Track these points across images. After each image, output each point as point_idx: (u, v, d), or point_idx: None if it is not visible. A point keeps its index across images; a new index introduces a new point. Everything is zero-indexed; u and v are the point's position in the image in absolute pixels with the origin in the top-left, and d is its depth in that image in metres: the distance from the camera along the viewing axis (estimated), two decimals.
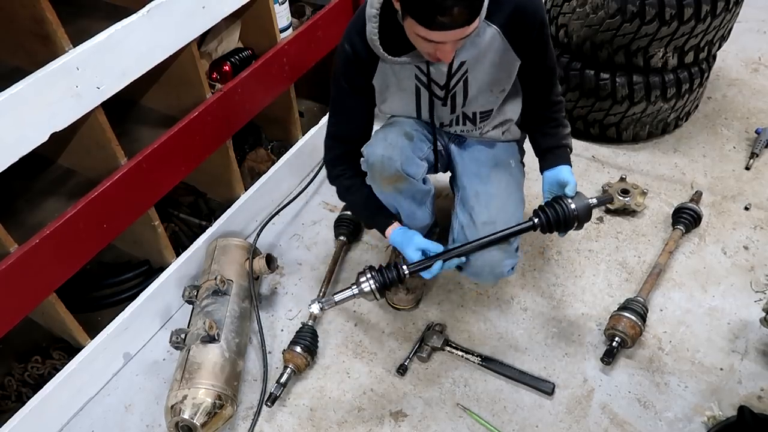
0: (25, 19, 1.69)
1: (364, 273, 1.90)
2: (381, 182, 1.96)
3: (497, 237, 1.88)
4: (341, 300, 1.89)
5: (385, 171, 1.92)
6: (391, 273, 1.88)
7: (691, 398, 1.99)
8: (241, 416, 2.06)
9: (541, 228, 1.87)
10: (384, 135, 1.95)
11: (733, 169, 2.73)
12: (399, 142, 1.93)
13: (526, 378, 2.06)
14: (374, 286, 1.87)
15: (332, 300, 1.88)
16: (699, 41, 2.52)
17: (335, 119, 2.03)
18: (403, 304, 2.30)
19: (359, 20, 1.77)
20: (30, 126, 1.66)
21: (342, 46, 1.84)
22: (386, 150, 1.91)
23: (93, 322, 2.22)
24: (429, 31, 1.53)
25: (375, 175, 1.94)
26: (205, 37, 2.42)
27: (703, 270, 2.35)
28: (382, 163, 1.90)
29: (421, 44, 1.63)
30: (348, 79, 1.88)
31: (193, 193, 2.69)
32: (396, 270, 1.88)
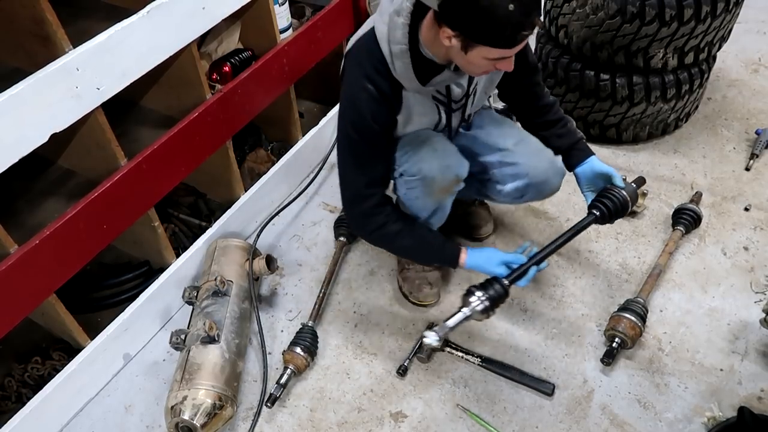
0: (25, 19, 1.69)
1: (472, 293, 1.84)
2: (437, 194, 1.97)
3: (567, 236, 1.97)
4: (455, 325, 1.82)
5: (444, 180, 1.93)
6: (495, 288, 1.83)
7: (691, 399, 1.99)
8: (241, 417, 2.05)
9: (602, 220, 1.99)
10: (430, 147, 1.93)
11: (733, 169, 2.73)
12: (447, 147, 1.96)
13: (526, 379, 2.06)
14: (487, 304, 1.82)
15: (446, 327, 1.82)
16: (699, 42, 2.52)
17: (369, 165, 1.90)
18: (429, 300, 2.30)
19: (373, 58, 1.75)
20: (30, 127, 1.66)
21: (363, 90, 1.78)
22: (442, 160, 1.92)
23: (93, 322, 2.22)
24: (509, 50, 1.58)
25: (433, 188, 1.94)
26: (205, 38, 2.42)
27: (703, 271, 2.35)
28: (442, 174, 1.92)
29: (484, 65, 1.66)
30: (377, 119, 1.82)
31: (193, 194, 2.69)
32: (498, 284, 1.84)
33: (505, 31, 1.51)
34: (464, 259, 1.98)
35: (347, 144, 1.89)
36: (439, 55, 1.73)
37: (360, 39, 1.81)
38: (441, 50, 1.69)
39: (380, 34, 1.72)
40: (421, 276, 2.30)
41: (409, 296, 2.33)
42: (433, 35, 1.67)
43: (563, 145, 2.11)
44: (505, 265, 1.92)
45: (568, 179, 2.71)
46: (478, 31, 1.53)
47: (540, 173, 2.08)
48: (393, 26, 1.68)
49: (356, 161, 1.90)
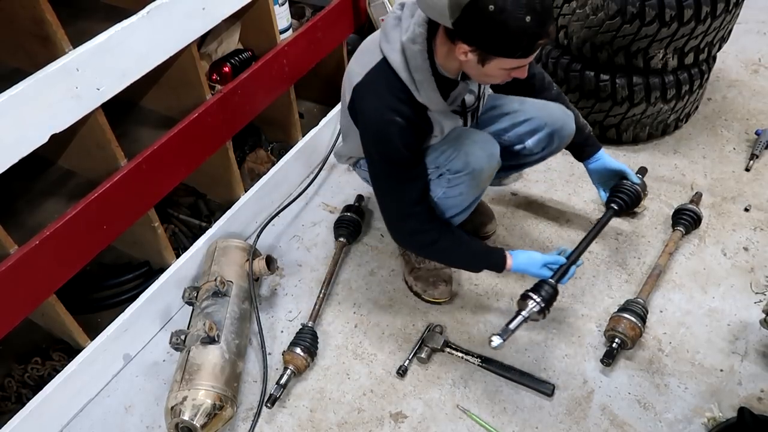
0: (25, 20, 1.69)
1: (529, 297, 1.95)
2: (483, 184, 2.03)
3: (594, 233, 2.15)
4: (516, 327, 1.92)
5: (490, 169, 1.99)
6: (546, 290, 1.96)
7: (691, 399, 1.99)
8: (241, 417, 2.05)
9: (620, 213, 2.26)
10: (470, 140, 1.96)
11: (733, 170, 2.73)
12: (485, 137, 2.00)
13: (526, 379, 2.06)
14: (542, 305, 1.93)
15: (509, 329, 1.91)
16: (699, 42, 2.52)
17: (409, 184, 1.92)
18: (444, 296, 2.31)
19: (393, 88, 1.78)
20: (30, 127, 1.66)
21: (391, 123, 1.78)
22: (485, 150, 1.96)
23: (93, 323, 2.22)
24: (526, 59, 1.63)
25: (481, 179, 1.99)
26: (205, 39, 2.42)
27: (703, 271, 2.35)
28: (489, 163, 1.97)
29: (501, 75, 1.71)
30: (410, 147, 1.85)
31: (193, 195, 2.69)
32: (548, 285, 1.97)
33: (522, 42, 1.55)
34: (510, 264, 2.05)
35: (383, 173, 1.91)
36: (451, 69, 1.78)
37: (371, 72, 1.81)
38: (454, 65, 1.74)
39: (396, 64, 1.75)
40: (435, 274, 2.31)
41: (422, 294, 2.33)
42: (445, 51, 1.71)
43: (576, 140, 2.23)
44: (546, 267, 2.03)
45: (568, 179, 2.72)
46: (495, 44, 1.57)
47: (556, 119, 2.14)
48: (411, 55, 1.72)
49: (396, 185, 1.92)
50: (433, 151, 1.97)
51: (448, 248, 2.01)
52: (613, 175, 2.29)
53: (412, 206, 1.93)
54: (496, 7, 1.47)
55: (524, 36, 1.53)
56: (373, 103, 1.80)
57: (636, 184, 2.27)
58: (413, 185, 1.92)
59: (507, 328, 1.91)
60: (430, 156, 1.97)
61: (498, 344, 1.89)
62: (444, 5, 1.53)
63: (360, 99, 1.84)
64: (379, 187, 1.97)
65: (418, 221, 1.95)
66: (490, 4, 1.47)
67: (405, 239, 2.06)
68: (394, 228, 2.03)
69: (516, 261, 2.04)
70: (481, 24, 1.52)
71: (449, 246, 2.00)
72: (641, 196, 2.28)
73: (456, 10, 1.52)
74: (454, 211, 2.06)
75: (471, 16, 1.52)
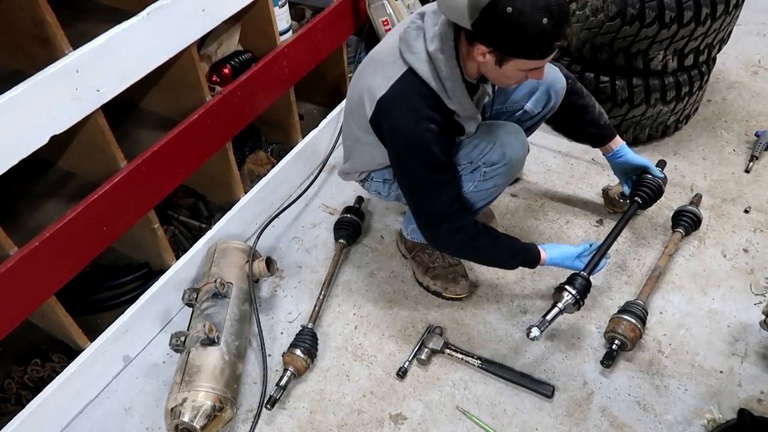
0: (25, 21, 1.69)
1: (564, 289, 1.99)
2: (516, 172, 2.10)
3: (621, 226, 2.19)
4: (552, 318, 1.96)
5: (525, 156, 2.06)
6: (580, 282, 2.00)
7: (691, 401, 1.99)
8: (241, 419, 2.05)
9: (643, 206, 2.32)
10: (504, 131, 2.00)
11: (732, 171, 2.74)
12: (514, 127, 2.03)
13: (526, 381, 2.06)
14: (577, 297, 1.97)
15: (546, 321, 1.94)
16: (699, 44, 2.52)
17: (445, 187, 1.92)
18: (466, 292, 2.33)
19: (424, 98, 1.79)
20: (30, 129, 1.66)
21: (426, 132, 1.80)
22: (518, 138, 2.00)
23: (93, 324, 2.21)
24: (543, 61, 1.66)
25: (517, 167, 2.05)
26: (204, 40, 2.42)
27: (703, 273, 2.35)
28: (524, 151, 2.04)
29: (518, 76, 1.75)
30: (446, 152, 1.88)
31: (192, 196, 2.69)
32: (581, 278, 2.02)
33: (539, 44, 1.59)
34: (545, 257, 2.09)
35: (420, 181, 1.91)
36: (471, 73, 1.81)
37: (397, 83, 1.81)
38: (473, 66, 1.77)
39: (425, 74, 1.77)
40: (452, 270, 2.34)
41: (444, 292, 2.33)
42: (465, 53, 1.75)
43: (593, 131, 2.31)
44: (579, 259, 2.10)
45: (568, 180, 2.72)
46: (512, 45, 1.61)
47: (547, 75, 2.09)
48: (439, 64, 1.75)
49: (435, 190, 1.92)
50: (463, 147, 1.98)
51: (486, 246, 2.01)
52: (636, 169, 2.34)
53: (448, 207, 1.93)
54: (514, 9, 1.52)
55: (541, 37, 1.57)
56: (405, 114, 1.81)
57: (658, 177, 2.30)
58: (449, 188, 1.93)
59: (544, 320, 1.94)
60: (461, 152, 1.98)
61: (536, 336, 1.91)
62: (464, 7, 1.57)
63: (388, 111, 1.84)
64: (414, 196, 1.97)
65: (456, 221, 1.95)
66: (508, 6, 1.51)
67: (444, 241, 2.04)
68: (432, 232, 2.02)
69: (550, 255, 2.09)
70: (498, 25, 1.56)
71: (487, 244, 2.01)
72: (662, 189, 2.31)
73: (475, 12, 1.56)
74: (481, 204, 2.09)
75: (489, 18, 1.56)
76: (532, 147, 2.66)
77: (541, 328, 1.92)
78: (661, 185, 2.31)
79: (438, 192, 1.91)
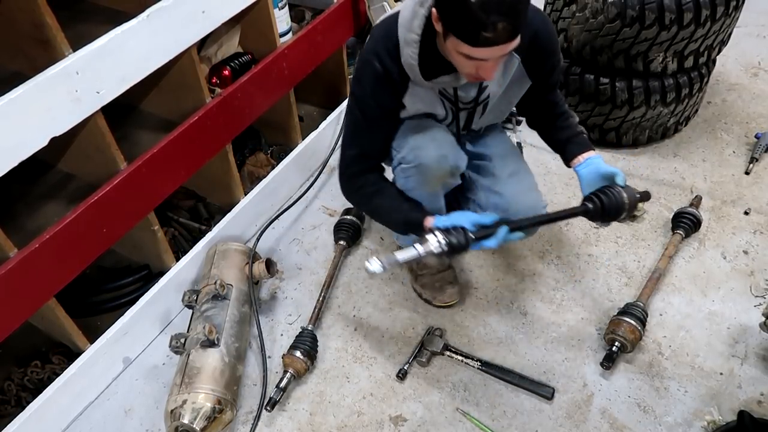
0: (25, 23, 1.69)
1: (431, 232, 1.73)
2: (432, 183, 1.97)
3: (550, 217, 1.95)
4: (404, 260, 1.72)
5: (440, 170, 1.93)
6: (458, 237, 1.71)
7: (691, 403, 1.99)
8: (241, 421, 2.05)
9: (593, 214, 1.84)
10: (431, 135, 1.93)
11: (732, 173, 2.74)
12: (446, 138, 1.96)
13: (526, 382, 2.06)
14: (445, 249, 1.70)
15: (394, 259, 1.71)
16: (699, 46, 2.52)
17: (363, 139, 1.94)
18: (454, 298, 2.31)
19: (389, 40, 1.75)
20: (30, 130, 1.66)
21: (370, 65, 1.79)
22: (439, 149, 1.92)
23: (93, 326, 2.22)
24: (473, 49, 1.54)
25: (428, 176, 1.94)
26: (204, 42, 2.43)
27: (703, 274, 2.35)
28: (438, 163, 1.91)
29: (463, 63, 1.64)
30: (377, 98, 1.85)
31: (192, 198, 2.69)
32: (463, 234, 1.72)
33: (465, 25, 1.50)
34: (431, 221, 1.84)
35: (350, 114, 1.93)
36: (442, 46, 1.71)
37: (385, 19, 1.82)
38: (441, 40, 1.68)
39: (401, 20, 1.73)
40: (439, 277, 2.31)
41: (433, 301, 2.32)
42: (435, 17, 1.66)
43: (562, 137, 2.02)
44: (474, 225, 1.79)
45: (568, 182, 2.72)
46: (448, 17, 1.55)
47: (520, 212, 1.96)
48: (413, 15, 1.68)
49: (354, 132, 1.95)
50: (399, 135, 1.96)
51: (373, 196, 1.97)
52: (606, 179, 1.89)
53: (358, 158, 1.95)
54: None
55: (467, 18, 1.48)
56: (368, 46, 1.82)
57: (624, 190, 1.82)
58: (368, 141, 1.93)
59: (392, 257, 1.71)
60: (396, 141, 1.96)
61: (375, 270, 1.69)
62: None
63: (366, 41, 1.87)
64: (345, 127, 1.99)
65: (358, 170, 1.96)
66: None
67: (342, 183, 2.02)
68: (340, 169, 2.01)
69: (438, 219, 1.83)
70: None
71: (374, 194, 1.96)
72: (624, 206, 1.80)
73: None
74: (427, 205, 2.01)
75: None
76: (532, 148, 2.65)
77: (383, 264, 1.69)
78: (624, 201, 1.79)
79: (356, 136, 1.94)
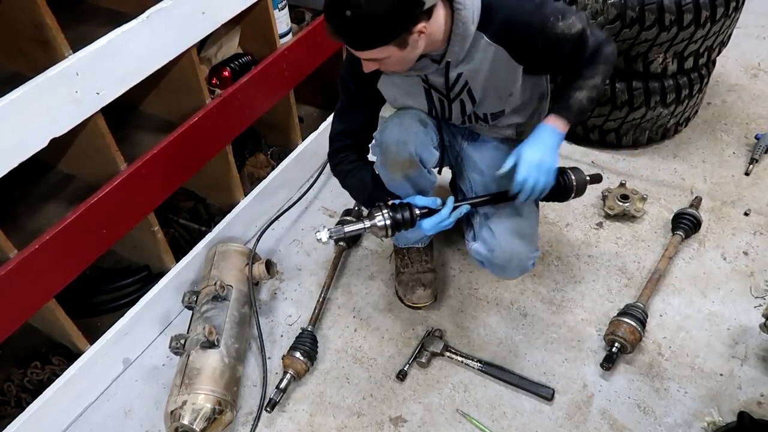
0: (25, 24, 1.69)
1: (378, 208, 1.81)
2: (392, 167, 1.95)
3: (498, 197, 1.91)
4: (350, 231, 1.81)
5: (399, 155, 1.92)
6: (405, 211, 1.80)
7: (691, 404, 1.99)
8: (241, 422, 2.05)
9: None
10: (399, 120, 1.95)
11: (732, 174, 2.74)
12: (414, 127, 1.94)
13: (526, 383, 2.06)
14: (388, 222, 1.79)
15: (341, 230, 1.80)
16: (698, 47, 2.52)
17: (345, 116, 2.00)
18: (423, 302, 2.29)
19: None
20: (30, 131, 1.66)
21: None
22: (401, 134, 1.92)
23: (92, 327, 2.22)
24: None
25: (387, 159, 1.94)
26: (204, 43, 2.43)
27: (703, 275, 2.35)
28: (397, 147, 1.91)
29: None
30: (354, 79, 1.87)
31: (192, 199, 2.69)
32: (409, 210, 1.80)
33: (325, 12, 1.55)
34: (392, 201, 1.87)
35: (339, 92, 1.95)
36: None
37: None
38: None
39: None
40: (415, 278, 2.30)
41: (403, 299, 2.32)
42: None
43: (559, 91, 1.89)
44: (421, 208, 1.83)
45: None
46: None
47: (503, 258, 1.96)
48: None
49: (339, 109, 2.00)
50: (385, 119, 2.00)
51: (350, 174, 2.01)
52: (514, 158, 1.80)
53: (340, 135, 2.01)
54: None
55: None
56: None
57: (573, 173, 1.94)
58: (349, 119, 1.98)
59: (340, 228, 1.80)
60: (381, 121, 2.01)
61: (323, 237, 1.75)
62: None
63: None
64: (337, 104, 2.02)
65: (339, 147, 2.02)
66: None
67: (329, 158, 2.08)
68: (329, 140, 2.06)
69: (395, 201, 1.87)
70: None
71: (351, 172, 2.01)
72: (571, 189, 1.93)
73: None
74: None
75: None
76: None
77: (332, 234, 1.77)
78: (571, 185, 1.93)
79: (340, 114, 2.00)
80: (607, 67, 1.83)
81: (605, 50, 1.81)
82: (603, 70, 1.82)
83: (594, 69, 1.81)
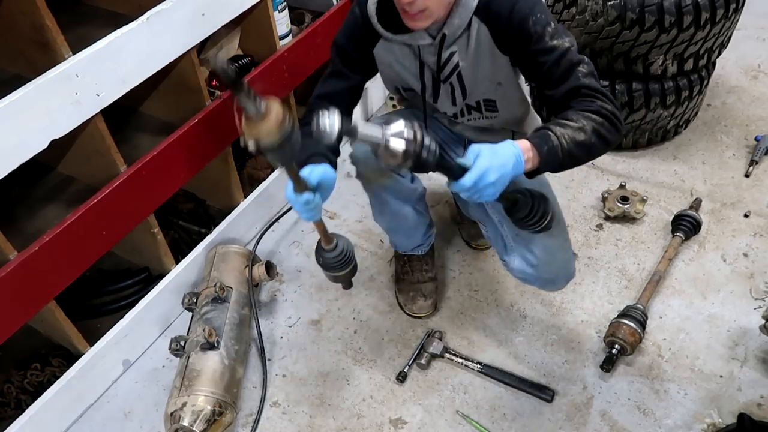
0: (25, 26, 1.69)
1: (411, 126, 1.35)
2: (366, 177, 1.97)
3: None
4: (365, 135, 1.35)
5: (368, 166, 1.93)
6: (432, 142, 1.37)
7: (691, 405, 1.99)
8: (241, 423, 2.05)
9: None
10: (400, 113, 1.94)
11: (732, 176, 2.74)
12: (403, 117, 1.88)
13: (526, 385, 2.06)
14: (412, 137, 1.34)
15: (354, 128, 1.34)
16: (698, 48, 2.52)
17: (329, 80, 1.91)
18: (423, 312, 2.29)
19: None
20: (30, 133, 1.66)
21: (352, 12, 1.79)
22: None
23: (92, 329, 2.22)
24: None
25: (360, 169, 1.96)
26: (204, 44, 2.43)
27: (703, 277, 2.35)
28: (366, 158, 1.90)
29: None
30: (350, 42, 1.83)
31: (192, 200, 2.70)
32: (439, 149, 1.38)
33: None
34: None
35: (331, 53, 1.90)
36: None
37: None
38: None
39: None
40: (416, 288, 2.30)
41: (404, 308, 2.32)
42: None
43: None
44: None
45: (567, 185, 2.72)
46: None
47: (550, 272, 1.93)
48: None
49: (325, 76, 1.92)
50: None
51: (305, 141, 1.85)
52: None
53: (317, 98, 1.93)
54: None
55: None
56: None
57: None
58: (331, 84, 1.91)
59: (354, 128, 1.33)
60: None
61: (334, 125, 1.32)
62: None
63: None
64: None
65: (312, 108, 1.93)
66: None
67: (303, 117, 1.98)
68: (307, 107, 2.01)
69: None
70: None
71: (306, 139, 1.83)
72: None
73: None
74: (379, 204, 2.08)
75: None
76: None
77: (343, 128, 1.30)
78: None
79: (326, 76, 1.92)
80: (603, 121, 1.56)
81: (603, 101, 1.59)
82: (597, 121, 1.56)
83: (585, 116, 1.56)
